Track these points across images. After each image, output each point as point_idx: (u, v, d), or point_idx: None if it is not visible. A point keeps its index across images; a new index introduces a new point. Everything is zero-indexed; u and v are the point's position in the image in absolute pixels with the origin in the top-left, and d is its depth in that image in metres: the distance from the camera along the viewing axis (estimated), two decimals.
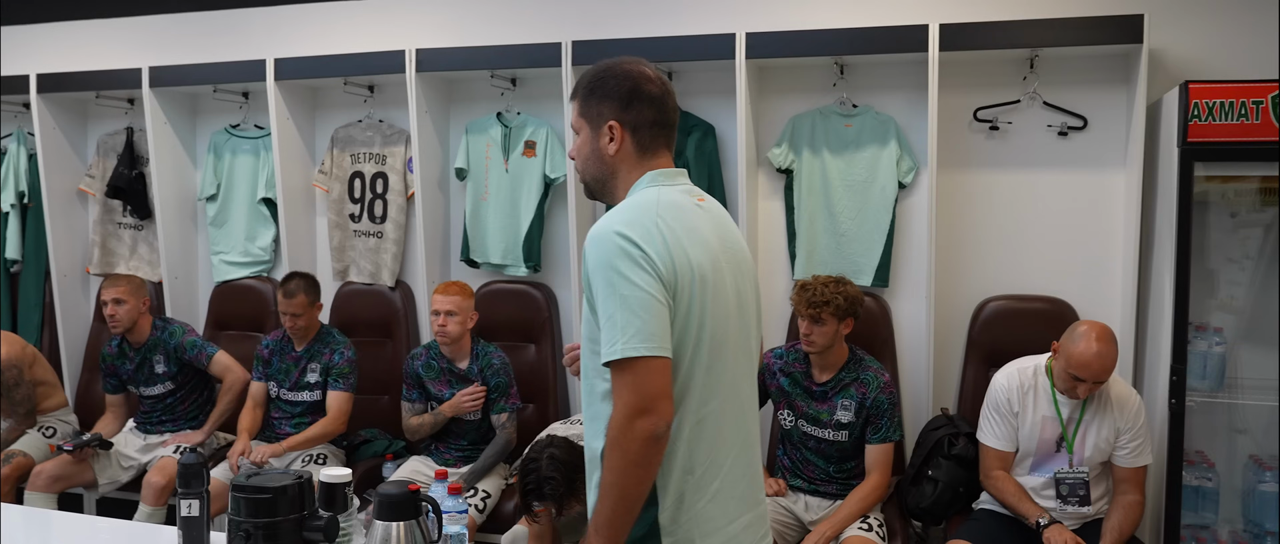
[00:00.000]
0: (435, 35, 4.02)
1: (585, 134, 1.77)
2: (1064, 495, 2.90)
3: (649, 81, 1.74)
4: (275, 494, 1.73)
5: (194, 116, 4.48)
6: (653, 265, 1.58)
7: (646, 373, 1.55)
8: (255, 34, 4.29)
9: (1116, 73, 3.40)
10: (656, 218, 1.62)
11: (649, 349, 1.55)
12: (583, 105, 1.76)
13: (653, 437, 1.55)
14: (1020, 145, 3.52)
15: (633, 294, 1.56)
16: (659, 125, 1.74)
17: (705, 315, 1.64)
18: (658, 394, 1.55)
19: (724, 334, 1.68)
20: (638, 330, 1.55)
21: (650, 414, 1.54)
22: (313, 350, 3.77)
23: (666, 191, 1.70)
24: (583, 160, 1.79)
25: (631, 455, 1.56)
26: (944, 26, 3.31)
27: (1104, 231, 3.45)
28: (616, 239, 1.60)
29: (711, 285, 1.65)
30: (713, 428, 1.67)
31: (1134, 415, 2.86)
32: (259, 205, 4.34)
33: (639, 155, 1.74)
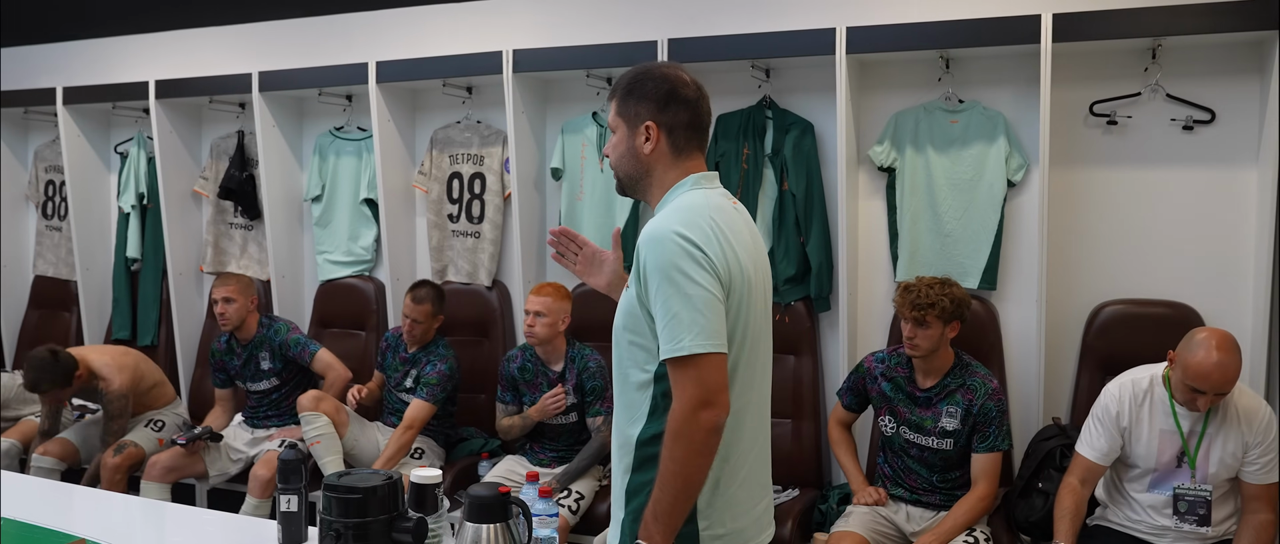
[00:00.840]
0: (532, 36, 4.03)
1: (622, 132, 1.83)
2: (1182, 512, 2.72)
3: (685, 85, 1.80)
4: (365, 494, 1.73)
5: (300, 119, 4.60)
6: (712, 266, 1.66)
7: (710, 368, 1.64)
8: (357, 38, 4.38)
9: (1248, 62, 3.18)
10: (711, 219, 1.70)
11: (713, 345, 1.64)
12: (620, 105, 1.83)
13: (716, 427, 1.65)
14: (1140, 141, 3.33)
15: (696, 293, 1.64)
16: (693, 128, 1.81)
17: (749, 313, 1.74)
18: (719, 387, 1.64)
19: (759, 330, 1.79)
20: (702, 328, 1.63)
21: (713, 406, 1.63)
22: (417, 357, 3.83)
23: (711, 194, 1.79)
24: (618, 158, 1.85)
25: (696, 445, 1.64)
26: (1057, 16, 3.14)
27: (1233, 232, 3.23)
28: (678, 239, 1.66)
29: (752, 284, 1.75)
30: (744, 418, 1.77)
31: (1264, 428, 2.67)
32: (361, 206, 4.43)
33: (673, 156, 1.81)
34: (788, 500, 3.46)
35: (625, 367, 1.79)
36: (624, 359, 1.79)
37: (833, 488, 3.53)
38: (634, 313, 1.74)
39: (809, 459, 3.64)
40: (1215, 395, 2.60)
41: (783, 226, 3.66)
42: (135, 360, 4.16)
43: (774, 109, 3.71)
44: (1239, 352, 2.62)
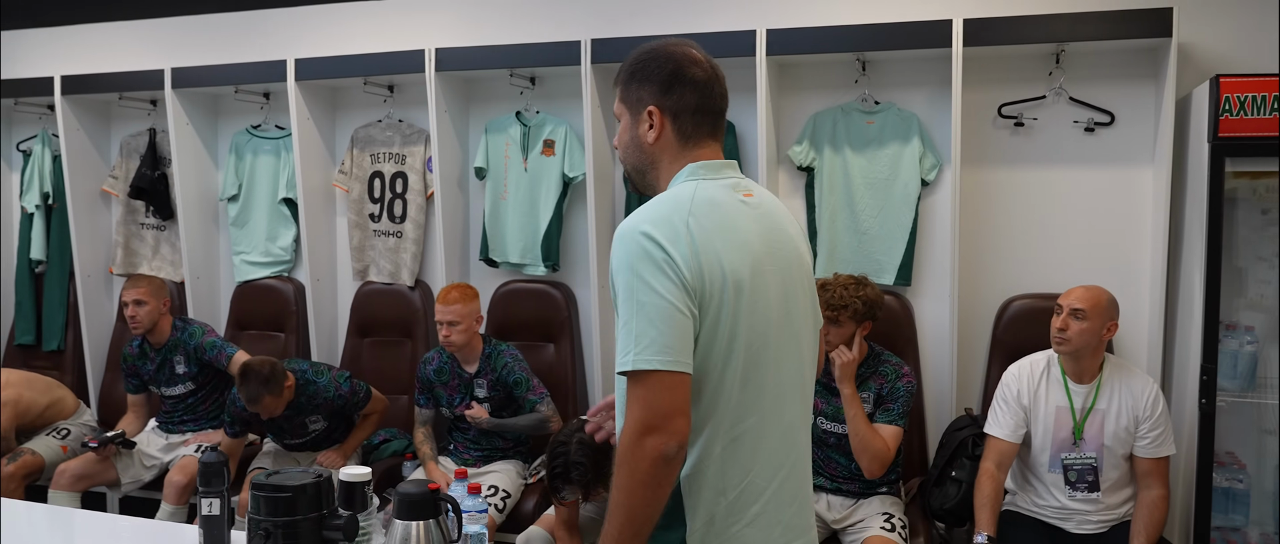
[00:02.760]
0: (454, 34, 4.02)
1: (625, 121, 1.67)
2: (1073, 482, 2.86)
3: (694, 64, 1.62)
4: (294, 493, 1.73)
5: (216, 117, 4.50)
6: (676, 270, 1.47)
7: (660, 388, 1.44)
8: (276, 35, 4.31)
9: (1145, 67, 3.34)
10: (688, 216, 1.51)
11: (663, 362, 1.44)
12: (623, 90, 1.66)
13: (662, 456, 1.44)
14: (1046, 142, 3.47)
15: (651, 302, 1.46)
16: (702, 112, 1.62)
17: (738, 325, 1.52)
18: (671, 411, 1.44)
19: (763, 345, 1.55)
20: (652, 341, 1.44)
21: (659, 432, 1.43)
22: None
23: (706, 186, 1.57)
24: (623, 149, 1.69)
25: (640, 475, 1.44)
26: (968, 21, 3.26)
27: (1131, 229, 3.40)
28: (641, 239, 1.49)
29: (748, 292, 1.53)
30: (749, 447, 1.55)
31: (1152, 403, 2.83)
32: (280, 205, 4.35)
33: (681, 144, 1.62)
34: None
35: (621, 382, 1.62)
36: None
37: None
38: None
39: None
40: (1071, 312, 2.81)
41: None
42: (16, 394, 3.90)
43: None
44: (1104, 292, 2.86)
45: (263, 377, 3.40)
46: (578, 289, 3.99)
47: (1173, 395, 3.22)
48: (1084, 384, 2.88)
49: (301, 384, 3.57)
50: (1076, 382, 2.88)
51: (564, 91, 3.90)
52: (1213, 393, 2.97)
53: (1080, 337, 2.82)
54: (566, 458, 2.83)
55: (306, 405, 3.60)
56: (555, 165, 3.91)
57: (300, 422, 3.64)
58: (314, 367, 3.67)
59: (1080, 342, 2.83)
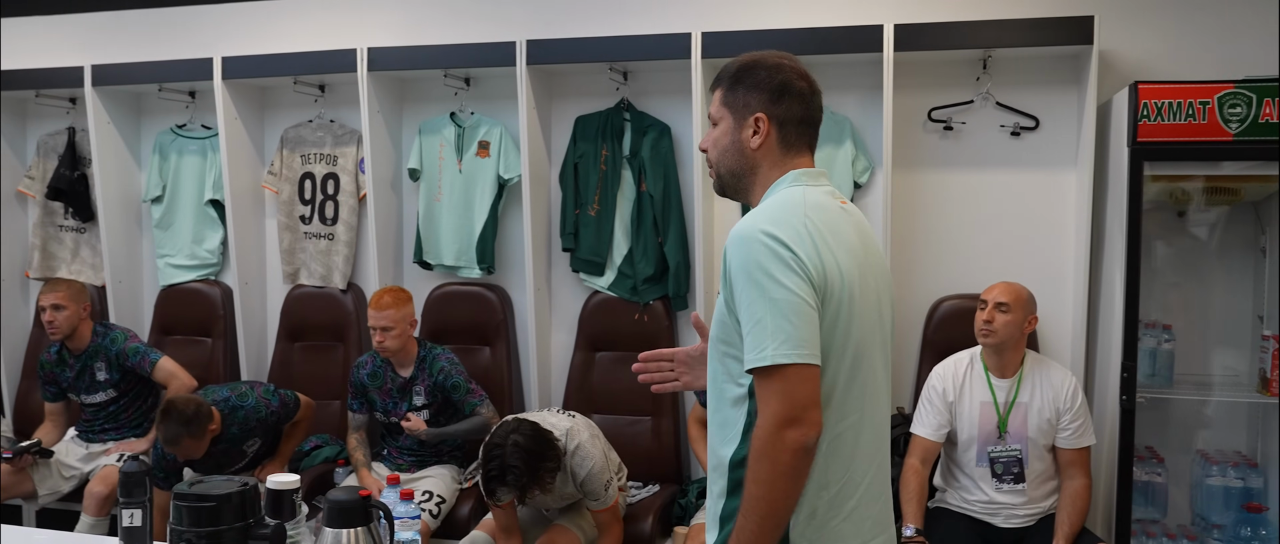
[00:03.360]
0: (387, 34, 3.96)
1: (727, 124, 1.68)
2: (999, 474, 2.93)
3: (800, 77, 1.68)
4: (219, 502, 1.67)
5: (138, 116, 4.37)
6: (803, 267, 1.51)
7: (797, 381, 1.48)
8: (202, 32, 4.20)
9: (1068, 74, 3.44)
10: (804, 218, 1.55)
11: (799, 356, 1.47)
12: (727, 94, 1.69)
13: (803, 448, 1.48)
14: (974, 145, 3.55)
15: (784, 297, 1.49)
16: (806, 124, 1.68)
17: (852, 324, 1.56)
18: (808, 403, 1.48)
19: (868, 345, 1.60)
20: (788, 336, 1.47)
21: (800, 424, 1.48)
22: None
23: (812, 191, 1.62)
24: (720, 152, 1.70)
25: (781, 467, 1.48)
26: (898, 27, 3.32)
27: (1056, 231, 3.49)
28: (764, 239, 1.51)
29: (858, 293, 1.57)
30: (850, 444, 1.59)
31: (1071, 396, 2.91)
32: (206, 207, 4.24)
33: (782, 152, 1.67)
34: (648, 496, 3.52)
35: (720, 381, 1.63)
36: (718, 373, 1.64)
37: (692, 482, 3.62)
38: (724, 321, 1.59)
39: (668, 456, 3.71)
40: (995, 306, 2.90)
41: (641, 227, 3.72)
42: None
43: (632, 111, 3.77)
44: (1023, 287, 2.98)
45: (185, 417, 3.18)
46: (513, 292, 3.96)
47: (1095, 392, 3.31)
48: (1006, 379, 2.95)
49: (227, 413, 3.37)
50: (999, 376, 2.96)
51: (499, 92, 3.87)
52: (1133, 389, 3.06)
53: (1005, 329, 2.90)
54: (501, 460, 2.77)
55: (240, 434, 3.44)
56: (490, 167, 3.87)
57: (237, 450, 3.49)
58: (235, 391, 3.46)
59: (1005, 334, 2.90)
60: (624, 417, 3.71)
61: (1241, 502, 3.08)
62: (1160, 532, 3.20)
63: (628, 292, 3.77)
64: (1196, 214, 3.31)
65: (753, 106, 1.66)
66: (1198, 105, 2.95)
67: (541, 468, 2.79)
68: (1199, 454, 3.28)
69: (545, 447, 2.82)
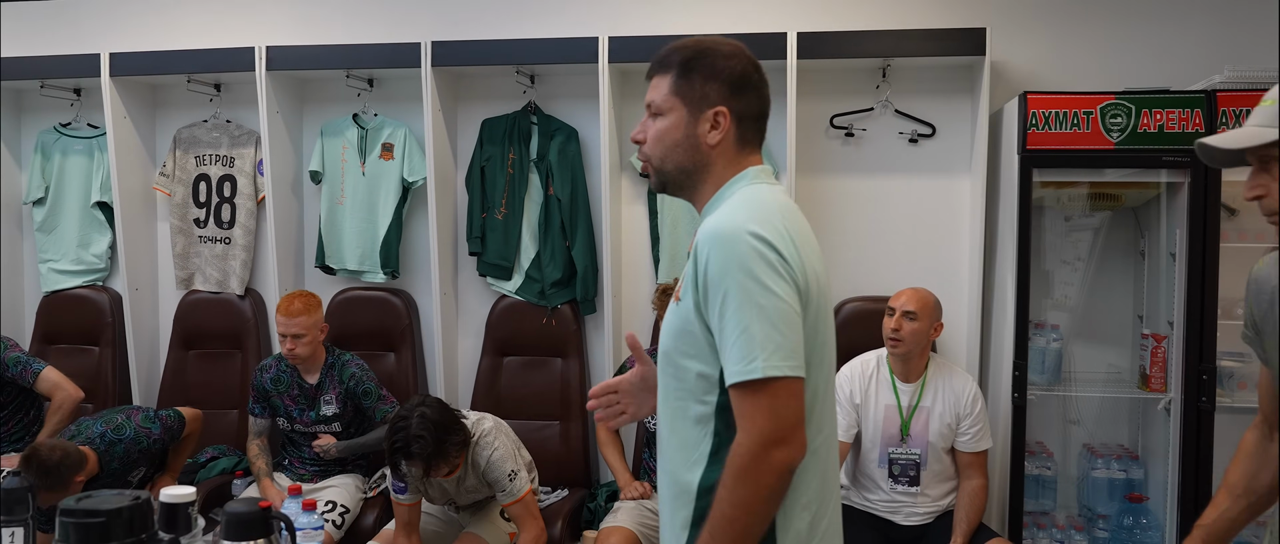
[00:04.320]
0: (287, 32, 3.86)
1: (678, 117, 1.51)
2: (896, 475, 3.01)
3: (755, 68, 1.54)
4: (109, 517, 1.60)
5: (19, 114, 4.16)
6: (790, 272, 1.38)
7: (787, 396, 1.34)
8: (89, 26, 4.03)
9: (962, 83, 3.56)
10: (782, 219, 1.42)
11: (790, 369, 1.34)
12: (679, 82, 1.51)
13: (789, 469, 1.36)
14: (874, 152, 3.64)
15: (772, 304, 1.35)
16: (762, 119, 1.55)
17: (826, 333, 1.46)
18: (796, 421, 1.36)
19: (832, 354, 1.51)
20: (778, 346, 1.33)
21: (787, 444, 1.34)
22: None
23: (775, 191, 1.50)
24: (667, 147, 1.52)
25: (764, 491, 1.35)
26: (801, 35, 3.39)
27: (952, 235, 3.61)
28: (751, 239, 1.37)
29: (825, 298, 1.47)
30: (825, 458, 1.49)
31: (971, 401, 3.01)
32: (93, 210, 4.06)
33: (738, 149, 1.52)
34: (557, 501, 3.51)
35: (679, 398, 1.47)
36: (677, 389, 1.47)
37: (601, 486, 3.62)
38: (690, 330, 1.43)
39: (577, 460, 3.70)
40: (903, 314, 2.96)
41: (548, 231, 3.71)
42: None
43: (539, 115, 3.75)
44: (930, 293, 3.02)
45: (44, 466, 2.84)
46: (419, 296, 3.91)
47: (989, 390, 3.44)
48: (910, 383, 3.03)
49: (104, 451, 3.15)
50: (903, 381, 3.04)
51: (404, 94, 3.81)
52: (1024, 387, 3.19)
53: (913, 337, 2.97)
54: (407, 432, 2.69)
55: (120, 468, 3.24)
56: (394, 169, 3.81)
57: (121, 482, 3.29)
58: (110, 424, 3.23)
59: (913, 342, 2.98)
60: (532, 421, 3.69)
61: (1125, 492, 3.24)
62: (1050, 523, 3.33)
63: (535, 296, 3.75)
64: (1080, 219, 3.47)
65: (712, 99, 1.50)
66: (1082, 115, 3.09)
67: (448, 441, 2.72)
68: (1085, 448, 3.43)
69: (452, 420, 2.77)
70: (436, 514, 3.19)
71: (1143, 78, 3.38)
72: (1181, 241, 3.11)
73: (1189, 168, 3.06)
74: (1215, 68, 3.22)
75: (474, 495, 3.07)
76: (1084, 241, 3.50)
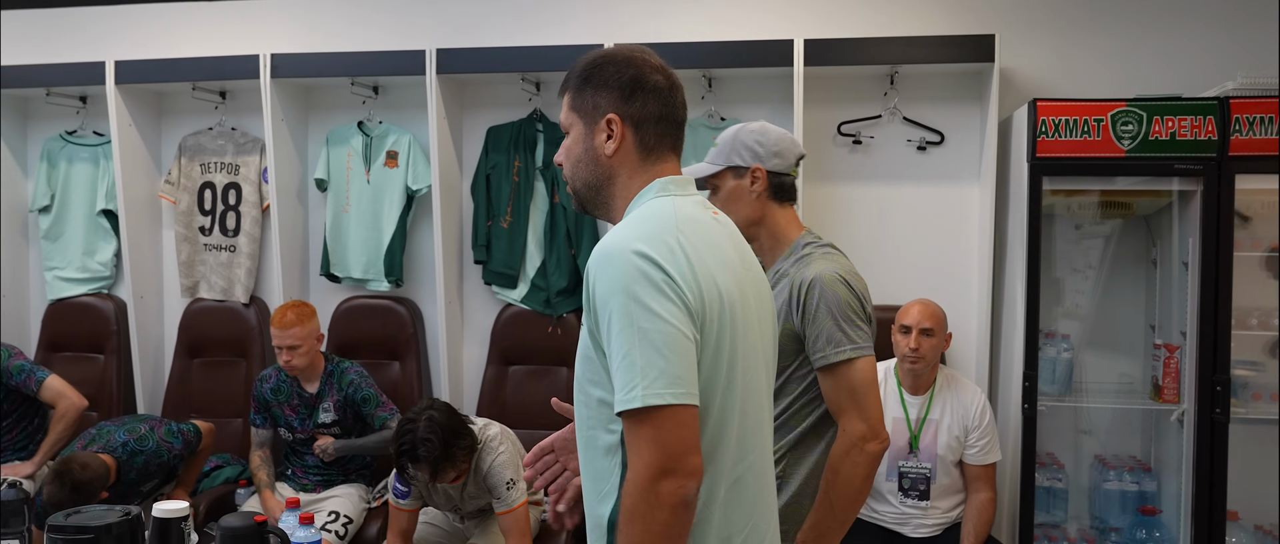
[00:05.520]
0: (292, 40, 3.85)
1: (577, 131, 1.48)
2: (906, 489, 2.97)
3: (655, 70, 1.48)
4: (98, 534, 1.58)
5: (25, 121, 4.16)
6: (678, 292, 1.30)
7: (672, 425, 1.26)
8: (94, 33, 4.02)
9: (971, 90, 3.52)
10: (677, 232, 1.35)
11: (675, 396, 1.26)
12: (575, 98, 1.48)
13: (682, 502, 1.26)
14: (882, 159, 3.61)
15: (655, 328, 1.28)
16: (666, 122, 1.48)
17: (736, 352, 1.37)
18: (684, 450, 1.26)
19: (755, 373, 1.42)
20: (662, 372, 1.26)
21: (676, 475, 1.25)
22: None
23: (682, 202, 1.42)
24: (573, 163, 1.49)
25: (658, 525, 1.26)
26: (808, 42, 3.36)
27: (960, 244, 3.57)
28: (635, 258, 1.31)
29: (739, 314, 1.38)
30: (752, 486, 1.41)
31: (980, 414, 2.97)
32: (98, 218, 4.06)
33: (642, 157, 1.46)
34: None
35: (590, 427, 1.40)
36: (587, 417, 1.41)
37: None
38: (590, 356, 1.37)
39: None
40: (919, 332, 2.92)
41: (554, 239, 3.68)
42: None
43: (545, 122, 3.73)
44: (939, 306, 3.00)
45: (77, 483, 2.92)
46: (423, 305, 3.88)
47: (998, 401, 3.39)
48: (919, 395, 2.99)
49: (125, 460, 3.19)
50: (912, 393, 3.00)
51: (408, 101, 3.79)
52: (1034, 398, 3.14)
53: (933, 353, 2.95)
54: (414, 435, 2.68)
55: (137, 479, 3.26)
56: (399, 177, 3.79)
57: (133, 492, 3.31)
58: (134, 434, 3.27)
59: (933, 358, 2.96)
60: (538, 431, 3.65)
61: (1137, 505, 3.19)
62: (1061, 536, 3.29)
63: (541, 304, 3.72)
64: (1091, 227, 3.42)
65: (603, 108, 1.45)
66: (1093, 122, 3.05)
67: (455, 445, 2.71)
68: (1097, 459, 3.38)
69: (459, 425, 2.76)
70: (440, 524, 3.16)
71: (1154, 84, 3.34)
72: (1194, 250, 3.06)
73: (1202, 176, 3.01)
74: (1228, 74, 3.17)
75: (477, 502, 3.04)
76: (1095, 250, 3.46)
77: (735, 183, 1.93)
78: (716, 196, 1.94)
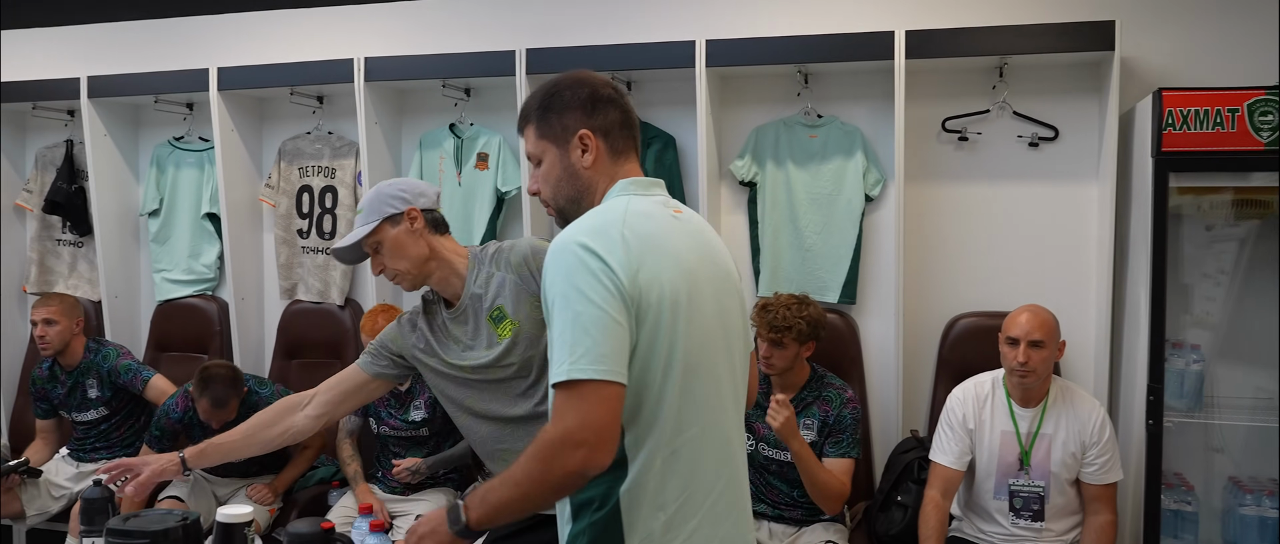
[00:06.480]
0: (384, 43, 3.88)
1: (552, 156, 1.61)
2: (1017, 509, 2.77)
3: (603, 85, 1.63)
4: (155, 539, 1.56)
5: (136, 128, 4.30)
6: (614, 279, 1.43)
7: (594, 399, 1.38)
8: (197, 42, 4.13)
9: (1088, 81, 3.29)
10: (623, 228, 1.48)
11: (597, 372, 1.38)
12: (540, 126, 1.62)
13: (580, 472, 1.38)
14: (990, 157, 3.40)
15: (586, 311, 1.41)
16: (626, 126, 1.63)
17: (677, 337, 1.48)
18: (601, 424, 1.38)
19: (700, 358, 1.52)
20: (587, 351, 1.39)
21: (586, 447, 1.37)
22: None
23: (638, 200, 1.56)
24: (554, 185, 1.62)
25: (553, 477, 1.40)
26: (910, 33, 3.19)
27: (1077, 246, 3.34)
28: (577, 250, 1.45)
29: (686, 304, 1.49)
30: (689, 459, 1.51)
31: (1099, 428, 2.74)
32: (203, 221, 4.16)
33: (612, 163, 1.61)
34: None
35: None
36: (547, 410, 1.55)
37: None
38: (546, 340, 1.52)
39: None
40: (1028, 344, 2.70)
41: None
42: None
43: None
44: (1050, 313, 2.77)
45: (228, 379, 3.24)
46: None
47: (1120, 416, 3.15)
48: (1030, 408, 2.78)
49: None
50: (1022, 405, 2.79)
51: (499, 103, 3.77)
52: (1160, 413, 2.90)
53: (1044, 366, 2.73)
54: None
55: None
56: (489, 179, 3.77)
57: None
58: (256, 378, 3.49)
59: (1044, 371, 2.74)
60: None
61: (1278, 533, 2.91)
62: None
63: None
64: (1224, 228, 3.15)
65: (572, 127, 1.59)
66: (1226, 113, 2.80)
67: None
68: (1231, 481, 3.11)
69: None
70: None
71: None
72: None
73: None
74: None
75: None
76: (1228, 253, 3.18)
77: (395, 231, 2.09)
78: (379, 255, 2.14)
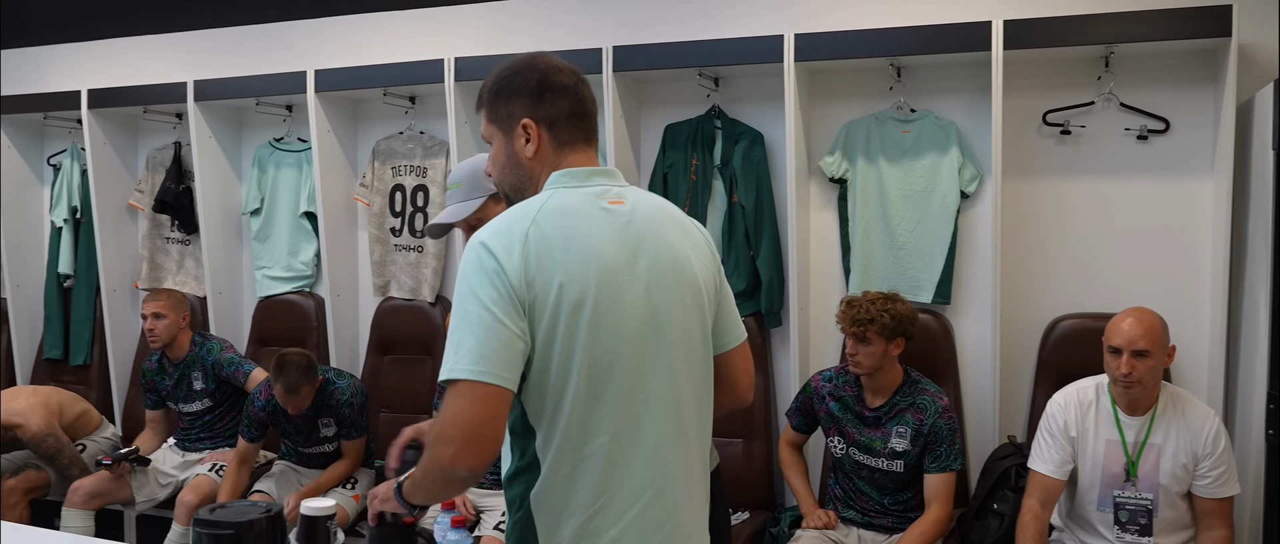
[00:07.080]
0: (474, 43, 3.92)
1: (499, 142, 1.60)
2: (1123, 522, 2.63)
3: (559, 71, 1.58)
4: (239, 530, 1.59)
5: (239, 130, 4.45)
6: (505, 281, 1.41)
7: (471, 399, 1.37)
8: (296, 46, 4.25)
9: (1202, 70, 3.11)
10: (530, 225, 1.46)
11: (474, 372, 1.37)
12: (490, 111, 1.60)
13: (452, 469, 1.38)
14: (1095, 151, 3.25)
15: (474, 312, 1.40)
16: (575, 116, 1.58)
17: (577, 339, 1.44)
18: (476, 424, 1.37)
19: (614, 361, 1.47)
20: (469, 350, 1.38)
21: (454, 445, 1.37)
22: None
23: (562, 194, 1.52)
24: (500, 171, 1.62)
25: (433, 473, 1.44)
26: (1008, 23, 3.06)
27: (1190, 244, 3.16)
28: (478, 249, 1.45)
29: (592, 305, 1.45)
30: (600, 468, 1.46)
31: (1213, 439, 2.58)
32: (301, 219, 4.28)
33: (556, 154, 1.57)
34: (738, 523, 3.34)
35: None
36: None
37: (784, 511, 3.41)
38: None
39: (760, 481, 3.51)
40: (1132, 354, 2.54)
41: (732, 239, 3.55)
42: (45, 397, 3.90)
43: (723, 119, 3.60)
44: (1155, 315, 2.60)
45: (302, 366, 3.36)
46: None
47: (1237, 427, 2.97)
48: (1137, 416, 2.64)
49: (323, 382, 3.52)
50: (1129, 413, 2.65)
51: None
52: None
53: (1151, 375, 2.58)
54: None
55: (323, 405, 3.55)
56: None
57: (315, 423, 3.56)
58: (335, 370, 3.64)
59: (1151, 380, 2.59)
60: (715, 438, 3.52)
61: None
62: None
63: None
64: None
65: (516, 115, 1.56)
66: None
67: None
68: None
69: None
70: None
71: None
72: None
73: None
74: None
75: None
76: None
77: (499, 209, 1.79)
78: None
